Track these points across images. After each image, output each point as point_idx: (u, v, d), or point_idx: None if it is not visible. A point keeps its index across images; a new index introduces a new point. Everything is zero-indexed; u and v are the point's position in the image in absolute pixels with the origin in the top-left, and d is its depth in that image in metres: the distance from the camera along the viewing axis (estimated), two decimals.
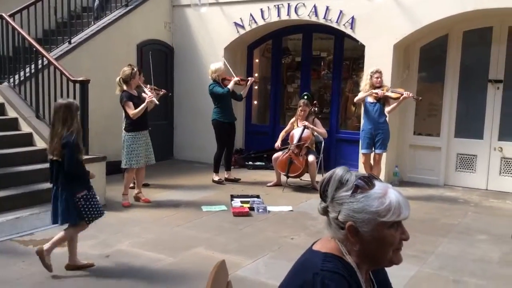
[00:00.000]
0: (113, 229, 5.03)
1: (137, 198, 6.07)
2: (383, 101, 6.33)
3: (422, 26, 6.72)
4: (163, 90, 6.83)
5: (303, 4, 7.53)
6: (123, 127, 5.97)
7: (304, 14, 7.56)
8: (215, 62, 7.21)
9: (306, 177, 7.06)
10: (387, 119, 6.44)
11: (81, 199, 3.81)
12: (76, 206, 3.81)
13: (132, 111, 5.73)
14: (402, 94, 6.22)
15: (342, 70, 8.19)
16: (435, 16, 6.59)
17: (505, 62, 6.82)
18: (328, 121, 8.21)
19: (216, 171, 7.19)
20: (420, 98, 6.38)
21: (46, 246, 3.83)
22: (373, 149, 6.48)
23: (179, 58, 8.83)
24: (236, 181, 7.21)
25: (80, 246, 4.14)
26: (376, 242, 1.45)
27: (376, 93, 6.26)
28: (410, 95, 6.21)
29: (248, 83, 7.18)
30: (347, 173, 1.50)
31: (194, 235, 4.93)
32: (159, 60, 6.94)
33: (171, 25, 8.79)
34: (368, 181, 1.46)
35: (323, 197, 1.52)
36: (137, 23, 8.22)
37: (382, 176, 6.93)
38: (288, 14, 7.69)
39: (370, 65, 6.88)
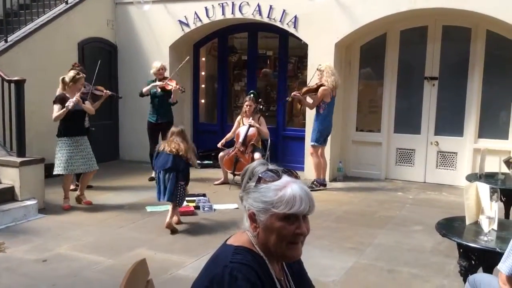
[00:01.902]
0: (52, 232, 4.89)
1: (78, 201, 5.93)
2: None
3: (361, 26, 6.93)
4: (105, 91, 6.58)
5: (247, 2, 7.59)
6: None
7: (249, 13, 7.62)
8: (158, 61, 7.25)
9: None
10: (320, 112, 6.73)
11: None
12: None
13: (54, 114, 5.57)
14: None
15: (288, 69, 8.33)
16: (372, 16, 6.82)
17: (440, 60, 7.14)
18: (275, 119, 8.33)
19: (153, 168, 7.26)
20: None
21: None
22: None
23: (123, 57, 8.68)
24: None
25: (14, 252, 4.01)
26: (269, 232, 1.50)
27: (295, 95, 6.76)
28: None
29: (173, 89, 6.94)
30: (260, 166, 1.57)
31: (136, 236, 4.88)
32: (100, 58, 6.79)
33: (114, 23, 8.62)
34: (273, 174, 1.53)
35: (241, 186, 1.61)
36: (78, 20, 8.01)
37: (326, 171, 7.13)
38: (232, 13, 7.73)
39: (313, 63, 7.03)
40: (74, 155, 5.68)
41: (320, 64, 6.71)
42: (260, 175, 1.53)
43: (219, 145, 7.15)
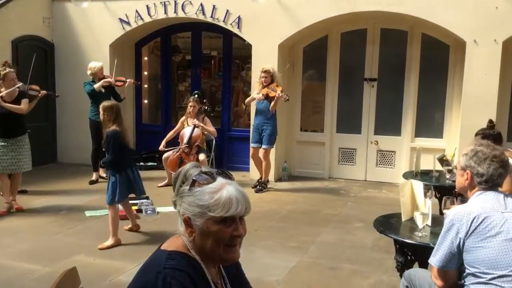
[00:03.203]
0: None
1: (8, 209, 5.59)
2: (270, 98, 6.57)
3: (304, 27, 7.03)
4: (41, 91, 6.27)
5: (190, 2, 7.50)
6: None
7: (192, 12, 7.53)
8: (96, 60, 7.08)
9: None
10: (274, 116, 6.67)
11: None
12: None
13: None
14: (276, 93, 6.47)
15: (232, 69, 8.32)
16: (314, 18, 6.93)
17: (378, 61, 7.38)
18: (220, 119, 8.29)
19: (95, 169, 7.09)
20: (288, 98, 6.53)
21: None
22: (261, 144, 6.71)
23: (60, 56, 8.33)
24: (96, 181, 7.12)
25: None
26: (206, 237, 1.47)
27: (256, 97, 6.68)
28: (281, 95, 6.43)
29: (126, 84, 7.18)
30: (193, 169, 1.53)
31: (74, 242, 4.69)
32: (36, 57, 6.48)
33: (51, 20, 8.26)
34: (207, 176, 1.49)
35: (174, 191, 1.57)
36: (11, 17, 7.60)
37: (272, 171, 7.18)
38: (175, 12, 7.61)
39: (257, 64, 7.06)
40: (3, 155, 5.42)
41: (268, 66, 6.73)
42: (194, 178, 1.49)
43: (160, 148, 7.03)
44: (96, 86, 6.85)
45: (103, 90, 6.89)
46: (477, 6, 6.24)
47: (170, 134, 7.13)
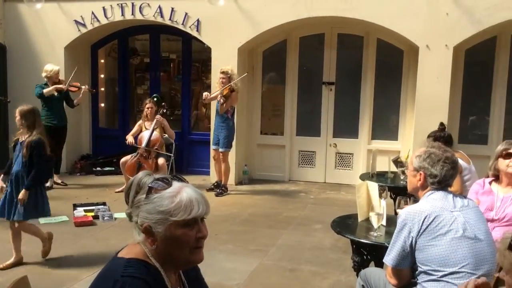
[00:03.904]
0: None
1: None
2: (222, 101, 6.59)
3: (263, 31, 7.08)
4: None
5: (148, 4, 7.40)
6: None
7: (150, 15, 7.44)
8: (50, 63, 6.92)
9: None
10: (229, 118, 6.71)
11: None
12: None
13: None
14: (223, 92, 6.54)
15: (192, 72, 8.27)
16: (273, 22, 6.99)
17: (336, 66, 7.52)
18: (180, 123, 8.21)
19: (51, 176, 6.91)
20: (225, 101, 6.57)
21: None
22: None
23: (13, 59, 8.03)
24: (65, 184, 7.00)
25: None
26: (171, 242, 1.46)
27: (204, 98, 6.74)
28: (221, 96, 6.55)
29: (81, 92, 6.99)
30: (146, 177, 1.51)
31: (28, 250, 4.49)
32: None
33: (2, 21, 7.96)
34: (163, 182, 1.47)
35: (127, 202, 1.53)
36: None
37: (232, 174, 7.18)
38: (132, 14, 7.49)
39: (217, 67, 7.03)
40: None
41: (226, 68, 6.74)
42: (150, 185, 1.47)
43: (129, 142, 6.82)
44: (45, 90, 6.70)
45: (55, 94, 6.71)
46: (429, 12, 6.46)
47: (133, 131, 6.96)
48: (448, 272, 2.21)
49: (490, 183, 3.18)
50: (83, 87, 7.02)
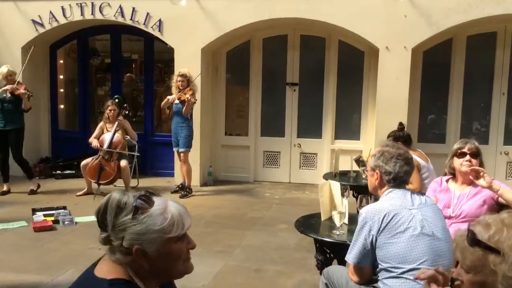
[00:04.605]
0: None
1: None
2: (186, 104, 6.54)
3: (226, 32, 7.07)
4: None
5: (108, 4, 7.27)
6: None
7: (110, 14, 7.30)
8: (6, 64, 6.67)
9: (120, 183, 6.83)
10: (189, 119, 6.66)
11: None
12: None
13: None
14: (186, 96, 6.47)
15: (154, 73, 8.17)
16: (236, 23, 7.00)
17: (299, 67, 7.59)
18: (143, 125, 8.10)
19: (5, 180, 6.69)
20: (195, 101, 6.55)
21: None
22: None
23: None
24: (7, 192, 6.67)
25: None
26: (166, 259, 1.43)
27: (169, 98, 6.63)
28: (189, 98, 6.44)
29: (22, 94, 6.43)
30: (124, 196, 1.43)
31: None
32: None
33: None
34: (147, 199, 1.43)
35: (103, 226, 1.43)
36: None
37: (197, 176, 7.14)
38: (92, 14, 7.34)
39: (180, 68, 6.97)
40: None
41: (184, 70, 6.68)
42: (136, 205, 1.40)
43: (93, 145, 6.66)
44: None
45: (6, 96, 6.40)
46: (388, 14, 6.62)
47: (91, 140, 6.81)
48: (407, 269, 2.27)
49: (447, 181, 3.28)
50: (22, 90, 6.45)
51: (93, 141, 6.70)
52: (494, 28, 6.88)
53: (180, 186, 6.88)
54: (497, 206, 3.01)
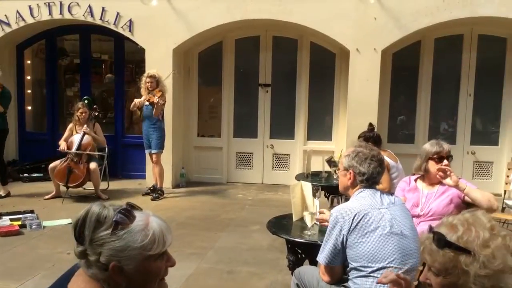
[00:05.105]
0: None
1: None
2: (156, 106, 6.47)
3: (198, 33, 7.03)
4: None
5: (77, 3, 7.13)
6: None
7: (79, 14, 7.17)
8: None
9: (90, 186, 6.70)
10: (160, 120, 6.59)
11: None
12: None
13: None
14: (155, 98, 6.39)
15: (125, 73, 8.05)
16: (207, 24, 6.97)
17: (272, 68, 7.61)
18: (113, 126, 7.97)
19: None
20: (164, 103, 6.48)
21: None
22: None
23: None
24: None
25: None
26: (143, 277, 1.38)
27: (136, 101, 6.53)
28: (158, 100, 6.37)
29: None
30: (104, 210, 1.37)
31: None
32: None
33: None
34: (128, 214, 1.37)
35: (80, 240, 1.37)
36: None
37: (169, 177, 7.07)
38: (61, 13, 7.19)
39: (151, 68, 6.89)
40: None
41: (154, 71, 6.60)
42: (116, 220, 1.34)
43: (61, 148, 6.52)
44: None
45: None
46: (358, 17, 6.71)
47: (61, 142, 6.65)
48: (377, 268, 2.30)
49: (415, 180, 3.34)
50: None
51: (62, 144, 6.56)
52: (461, 30, 7.06)
53: (151, 188, 6.80)
54: (464, 205, 3.08)
